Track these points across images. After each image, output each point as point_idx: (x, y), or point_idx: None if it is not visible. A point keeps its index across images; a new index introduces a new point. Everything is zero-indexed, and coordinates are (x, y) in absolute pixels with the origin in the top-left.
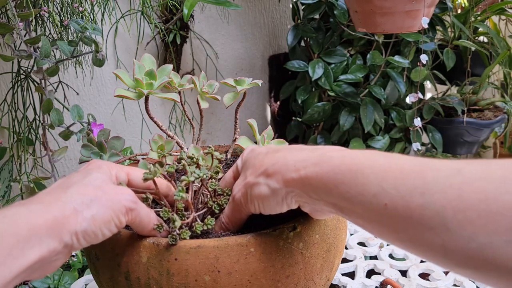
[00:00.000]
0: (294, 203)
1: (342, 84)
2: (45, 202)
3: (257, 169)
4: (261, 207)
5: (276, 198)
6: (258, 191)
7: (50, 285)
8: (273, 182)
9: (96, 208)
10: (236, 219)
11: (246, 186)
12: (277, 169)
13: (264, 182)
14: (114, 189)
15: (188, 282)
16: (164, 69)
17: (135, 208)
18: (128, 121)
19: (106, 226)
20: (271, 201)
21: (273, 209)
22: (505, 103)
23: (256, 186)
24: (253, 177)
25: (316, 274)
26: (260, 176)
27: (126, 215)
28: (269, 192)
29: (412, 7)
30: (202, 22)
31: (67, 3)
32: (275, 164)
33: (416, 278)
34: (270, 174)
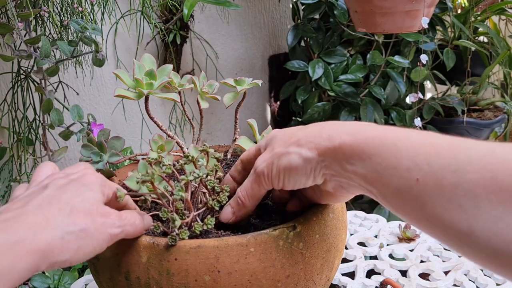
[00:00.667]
0: (321, 176)
1: (342, 84)
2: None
3: (288, 140)
4: (286, 179)
5: (305, 168)
6: (288, 160)
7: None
8: (306, 150)
9: (83, 240)
10: (255, 193)
11: (273, 157)
12: (310, 138)
13: (295, 151)
14: (102, 215)
15: (188, 282)
16: (164, 69)
17: (120, 232)
18: (128, 121)
19: (86, 256)
20: (299, 172)
21: (298, 182)
22: (505, 103)
23: (285, 155)
24: (283, 148)
25: (316, 274)
26: (291, 146)
27: (109, 242)
28: (299, 161)
29: (412, 7)
30: (202, 22)
31: (67, 3)
32: (308, 135)
33: (416, 278)
34: (302, 143)
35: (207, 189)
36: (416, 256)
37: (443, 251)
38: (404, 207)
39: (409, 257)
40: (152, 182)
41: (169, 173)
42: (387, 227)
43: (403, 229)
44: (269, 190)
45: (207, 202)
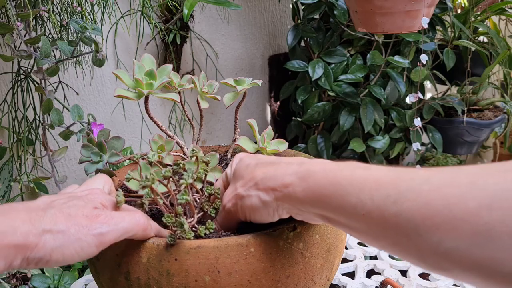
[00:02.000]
0: (285, 213)
1: (342, 84)
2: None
3: (248, 181)
4: (252, 217)
5: (267, 210)
6: (250, 203)
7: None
8: (264, 195)
9: (61, 242)
10: (227, 225)
11: (236, 198)
12: (266, 182)
13: (255, 194)
14: (87, 218)
15: (188, 283)
16: (164, 69)
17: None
18: (128, 121)
19: (68, 258)
20: (262, 212)
21: (264, 219)
22: (505, 103)
23: (247, 198)
24: (244, 189)
25: (316, 274)
26: (251, 189)
27: (98, 246)
28: (260, 204)
29: (412, 7)
30: (202, 22)
31: (66, 3)
32: (264, 178)
33: (416, 278)
34: (260, 187)
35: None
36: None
37: None
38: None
39: None
40: (151, 187)
41: (168, 176)
42: None
43: None
44: None
45: (203, 207)
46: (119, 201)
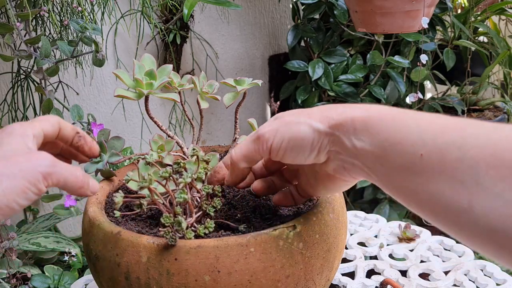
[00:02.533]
0: (325, 153)
1: (342, 84)
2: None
3: (299, 113)
4: (289, 149)
5: (312, 140)
6: (297, 129)
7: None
8: (317, 122)
9: (7, 182)
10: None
11: (280, 124)
12: (323, 112)
13: (306, 121)
14: (27, 157)
15: (188, 282)
16: (164, 69)
17: (53, 171)
18: (128, 121)
19: (20, 197)
20: (305, 142)
21: (300, 154)
22: (505, 103)
23: (294, 124)
24: (293, 117)
25: (316, 274)
26: (302, 116)
27: (44, 181)
28: (308, 131)
29: (412, 7)
30: (202, 22)
31: (66, 3)
32: (321, 109)
33: (416, 278)
34: (313, 116)
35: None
36: (416, 256)
37: (443, 251)
38: (406, 185)
39: (409, 257)
40: (150, 188)
41: (166, 177)
42: (387, 227)
43: (403, 229)
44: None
45: (202, 206)
46: (117, 202)
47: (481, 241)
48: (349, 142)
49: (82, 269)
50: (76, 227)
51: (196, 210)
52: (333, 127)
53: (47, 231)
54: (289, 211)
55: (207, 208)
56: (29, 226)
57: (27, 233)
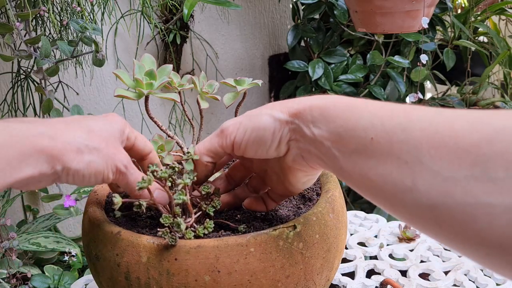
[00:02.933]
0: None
1: (342, 84)
2: (56, 130)
3: (263, 106)
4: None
5: (273, 129)
6: (258, 120)
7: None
8: (277, 111)
9: (95, 157)
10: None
11: (244, 117)
12: (284, 104)
13: (267, 112)
14: (114, 148)
15: (188, 282)
16: (164, 69)
17: (125, 172)
18: (128, 121)
19: (96, 175)
20: (266, 131)
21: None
22: (505, 103)
23: (257, 116)
24: (257, 110)
25: (316, 274)
26: (265, 109)
27: (114, 174)
28: (269, 121)
29: (412, 7)
30: (202, 22)
31: (66, 3)
32: (282, 102)
33: (416, 278)
34: (276, 106)
35: (200, 193)
36: (416, 256)
37: (443, 251)
38: (359, 169)
39: (409, 257)
40: (149, 189)
41: (165, 177)
42: (387, 227)
43: (403, 229)
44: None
45: (201, 207)
46: (116, 202)
47: (424, 220)
48: (308, 129)
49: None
50: (76, 227)
51: (196, 210)
52: (293, 115)
53: (47, 231)
54: (289, 211)
55: (207, 208)
56: (29, 226)
57: (27, 233)
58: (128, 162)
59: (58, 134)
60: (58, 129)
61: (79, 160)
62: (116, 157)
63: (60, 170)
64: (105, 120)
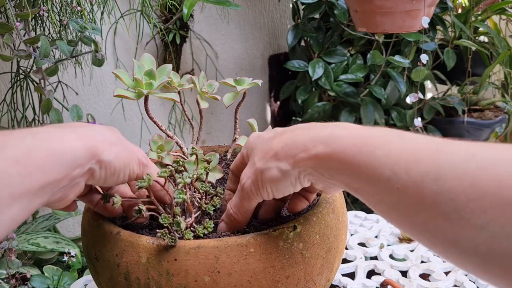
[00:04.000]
0: (307, 181)
1: (342, 84)
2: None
3: (266, 154)
4: (274, 190)
5: (289, 179)
6: (270, 175)
7: (49, 286)
8: (284, 164)
9: (121, 149)
10: (246, 208)
11: (256, 173)
12: (286, 151)
13: (275, 165)
14: (131, 144)
15: (188, 283)
16: (164, 69)
17: (147, 164)
18: (127, 121)
19: (124, 168)
20: (284, 183)
21: (286, 191)
22: (505, 103)
23: (266, 171)
24: (263, 163)
25: (316, 274)
26: (270, 161)
27: (138, 166)
28: (280, 175)
29: (412, 6)
30: (202, 22)
31: (66, 3)
32: (284, 147)
33: (417, 279)
34: (280, 157)
35: (199, 193)
36: (417, 257)
37: None
38: (390, 214)
39: (410, 258)
40: (148, 188)
41: (165, 177)
42: (388, 228)
43: None
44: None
45: (201, 206)
46: (115, 202)
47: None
48: (322, 175)
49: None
50: (76, 227)
51: (195, 210)
52: (302, 165)
53: (47, 231)
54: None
55: (207, 207)
56: (29, 227)
57: (27, 233)
58: (145, 155)
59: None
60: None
61: (110, 152)
62: (136, 149)
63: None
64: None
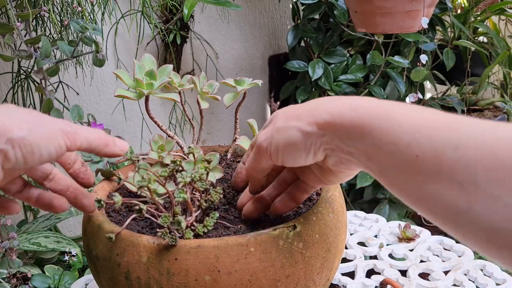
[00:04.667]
0: (321, 151)
1: (342, 84)
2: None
3: (290, 115)
4: (286, 154)
5: (305, 143)
6: (288, 135)
7: (50, 285)
8: (305, 124)
9: (35, 123)
10: (257, 166)
11: (273, 131)
12: (311, 112)
13: (295, 125)
14: (51, 117)
15: (188, 282)
16: (164, 69)
17: (74, 131)
18: (128, 121)
19: (44, 143)
20: (299, 147)
21: (298, 158)
22: (504, 103)
23: (285, 130)
24: (284, 122)
25: (316, 273)
26: (292, 120)
27: (65, 137)
28: (299, 136)
29: (412, 7)
30: (202, 22)
31: (67, 3)
32: (309, 109)
33: (416, 278)
34: (303, 117)
35: (199, 192)
36: (416, 256)
37: (443, 251)
38: (404, 184)
39: (409, 257)
40: (149, 188)
41: (165, 176)
42: (387, 227)
43: (403, 229)
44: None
45: (201, 205)
46: (116, 201)
47: (480, 240)
48: (342, 141)
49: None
50: (76, 227)
51: (196, 209)
52: (322, 128)
53: (48, 231)
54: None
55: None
56: (30, 226)
57: (28, 233)
58: (68, 123)
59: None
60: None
61: (21, 128)
62: (56, 121)
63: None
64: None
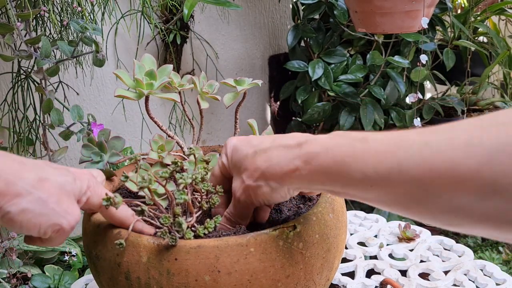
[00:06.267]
0: (296, 192)
1: (342, 84)
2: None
3: (253, 172)
4: (268, 201)
5: (280, 193)
6: (262, 192)
7: (50, 285)
8: (273, 183)
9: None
10: (244, 214)
11: (248, 189)
12: (272, 172)
13: (264, 184)
14: (67, 205)
15: (188, 282)
16: (164, 69)
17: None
18: (128, 121)
19: (28, 226)
20: (276, 196)
21: (279, 200)
22: (504, 103)
23: (258, 188)
24: (252, 181)
25: (316, 274)
26: (259, 180)
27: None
28: (271, 191)
29: (412, 7)
30: (202, 22)
31: (67, 3)
32: (269, 167)
33: (416, 278)
34: (267, 177)
35: (200, 192)
36: (416, 256)
37: (443, 251)
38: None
39: (409, 257)
40: (149, 188)
41: (166, 177)
42: (387, 227)
43: (403, 229)
44: None
45: (202, 206)
46: (117, 202)
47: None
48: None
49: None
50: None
51: (196, 210)
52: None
53: None
54: (289, 211)
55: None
56: None
57: None
58: (76, 222)
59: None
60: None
61: (14, 203)
62: (64, 215)
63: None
64: (68, 173)
